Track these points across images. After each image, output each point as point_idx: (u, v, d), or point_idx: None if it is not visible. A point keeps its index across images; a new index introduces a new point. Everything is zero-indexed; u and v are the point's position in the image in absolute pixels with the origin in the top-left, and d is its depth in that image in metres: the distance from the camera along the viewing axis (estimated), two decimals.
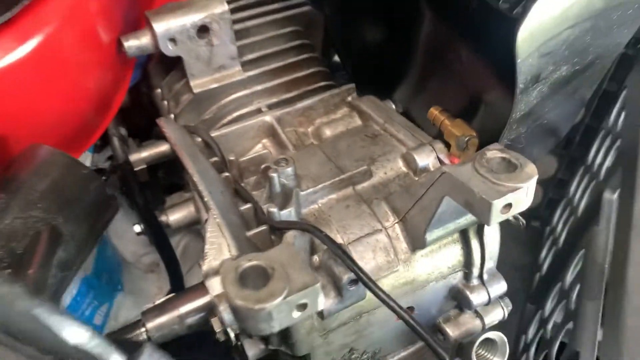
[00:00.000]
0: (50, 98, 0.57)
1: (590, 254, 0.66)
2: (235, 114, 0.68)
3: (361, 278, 0.46)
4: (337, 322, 0.55)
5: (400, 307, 0.46)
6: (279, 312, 0.37)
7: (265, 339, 0.56)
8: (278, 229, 0.52)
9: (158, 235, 0.75)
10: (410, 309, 0.60)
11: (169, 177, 0.81)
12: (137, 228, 0.76)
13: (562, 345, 0.73)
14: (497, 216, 0.43)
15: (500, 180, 0.44)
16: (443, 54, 0.77)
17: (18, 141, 0.54)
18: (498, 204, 0.43)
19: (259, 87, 0.69)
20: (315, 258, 0.53)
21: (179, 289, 0.77)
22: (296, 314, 0.38)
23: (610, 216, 0.68)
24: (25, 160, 0.51)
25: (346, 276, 0.48)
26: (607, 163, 0.74)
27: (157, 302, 0.58)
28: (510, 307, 0.66)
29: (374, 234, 0.55)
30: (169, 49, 0.64)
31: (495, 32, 0.63)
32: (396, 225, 0.56)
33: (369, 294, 0.52)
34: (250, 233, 0.51)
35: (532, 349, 0.81)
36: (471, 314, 0.64)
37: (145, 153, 0.70)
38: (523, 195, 0.43)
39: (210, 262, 0.48)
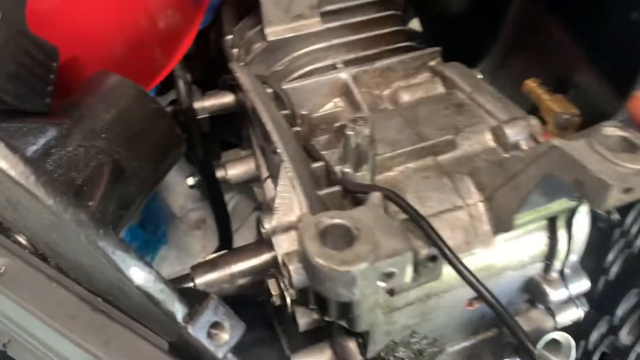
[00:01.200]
0: (118, 20, 0.53)
1: None
2: (308, 68, 0.63)
3: (445, 254, 0.41)
4: (403, 300, 0.50)
5: (488, 291, 0.41)
6: (364, 279, 0.33)
7: (322, 310, 0.52)
8: (352, 192, 0.47)
9: (213, 189, 0.71)
10: None
11: (224, 134, 0.77)
12: (191, 180, 0.73)
13: None
14: (613, 199, 0.38)
15: (621, 160, 0.38)
16: (534, 30, 0.71)
17: (85, 65, 0.50)
18: (617, 186, 0.37)
19: (336, 41, 0.65)
20: None
21: (227, 247, 0.74)
22: (381, 283, 0.34)
23: None
24: (92, 87, 0.48)
25: (426, 251, 0.44)
26: None
27: (209, 257, 0.55)
28: (586, 308, 0.61)
29: (454, 210, 0.51)
30: None
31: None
32: (479, 203, 0.51)
33: (443, 274, 0.48)
34: (322, 192, 0.47)
35: (596, 357, 0.75)
36: (543, 311, 0.59)
37: (209, 102, 0.67)
38: None
39: (280, 217, 0.44)
